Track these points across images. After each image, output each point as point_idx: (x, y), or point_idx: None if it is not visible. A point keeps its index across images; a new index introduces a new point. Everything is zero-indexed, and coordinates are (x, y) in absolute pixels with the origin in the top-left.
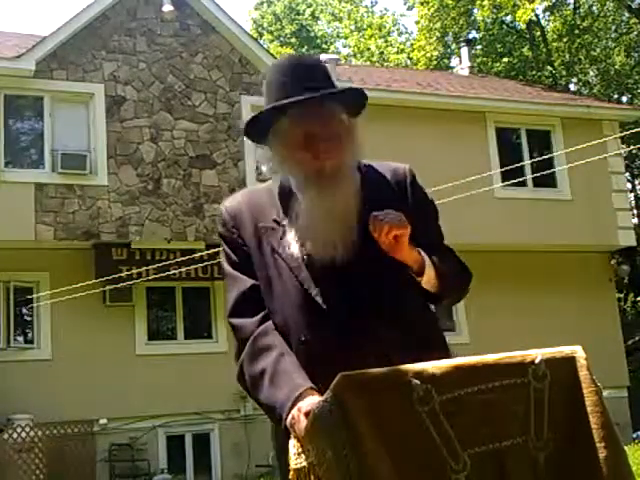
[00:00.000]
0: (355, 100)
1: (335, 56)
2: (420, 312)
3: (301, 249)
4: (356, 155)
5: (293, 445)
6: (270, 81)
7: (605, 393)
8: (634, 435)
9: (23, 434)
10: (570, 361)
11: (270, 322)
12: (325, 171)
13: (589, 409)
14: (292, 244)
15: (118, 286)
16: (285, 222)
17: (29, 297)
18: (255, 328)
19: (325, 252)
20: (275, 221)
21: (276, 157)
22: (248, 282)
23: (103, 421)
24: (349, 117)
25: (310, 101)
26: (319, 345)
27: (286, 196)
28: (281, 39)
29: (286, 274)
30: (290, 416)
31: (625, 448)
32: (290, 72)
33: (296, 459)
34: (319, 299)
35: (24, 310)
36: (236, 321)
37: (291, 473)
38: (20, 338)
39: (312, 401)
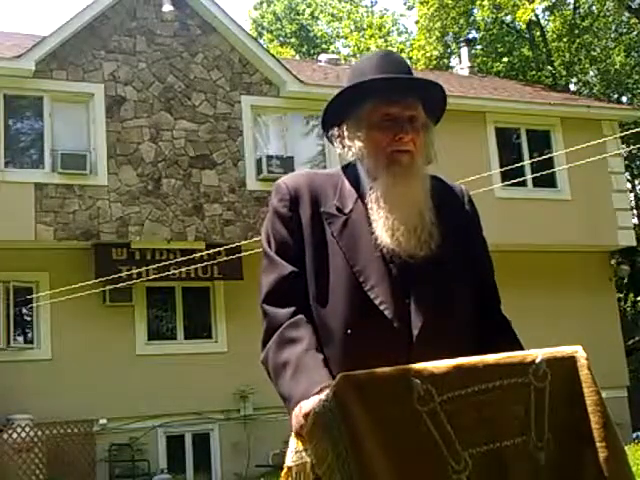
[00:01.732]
0: (435, 97)
1: (335, 56)
2: (470, 319)
3: (371, 239)
4: (428, 157)
5: (292, 443)
6: (354, 70)
7: (605, 393)
8: (634, 435)
9: (23, 434)
10: (571, 361)
11: (302, 315)
12: (400, 160)
13: (590, 409)
14: (359, 233)
15: (118, 286)
16: (347, 210)
17: (29, 297)
18: (286, 318)
19: (392, 243)
20: (337, 208)
21: (354, 140)
22: (288, 268)
23: (103, 421)
24: (429, 121)
25: (394, 86)
26: (364, 339)
27: (354, 184)
28: (281, 39)
29: (341, 264)
30: (294, 412)
31: (625, 448)
32: (377, 61)
33: (292, 457)
34: (372, 294)
35: (24, 310)
36: (270, 309)
37: (284, 470)
38: (20, 338)
39: (314, 400)
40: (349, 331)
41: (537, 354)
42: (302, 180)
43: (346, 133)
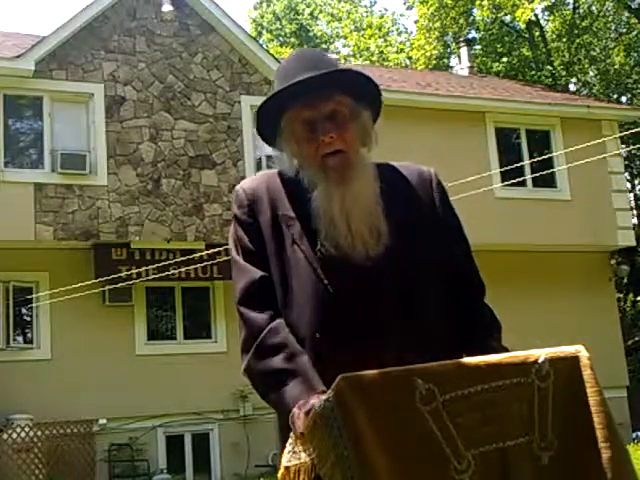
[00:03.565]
0: (358, 82)
1: (335, 56)
2: (440, 314)
3: (323, 243)
4: (367, 145)
5: (289, 443)
6: (274, 80)
7: (605, 393)
8: (634, 435)
9: (22, 434)
10: (574, 360)
11: (281, 319)
12: (333, 165)
13: (593, 409)
14: (313, 237)
15: (118, 286)
16: (306, 213)
17: (29, 297)
18: (265, 324)
19: (341, 248)
20: (295, 211)
21: (285, 156)
22: (257, 273)
23: (103, 421)
24: (359, 106)
25: (300, 90)
26: (333, 343)
27: (300, 187)
28: (281, 39)
29: (304, 267)
30: (291, 413)
31: (628, 448)
32: (290, 66)
33: (290, 457)
34: (337, 296)
35: (24, 310)
36: (246, 311)
37: (281, 471)
38: (20, 338)
39: (314, 400)
40: (318, 335)
41: (540, 354)
42: (260, 184)
43: (276, 152)
